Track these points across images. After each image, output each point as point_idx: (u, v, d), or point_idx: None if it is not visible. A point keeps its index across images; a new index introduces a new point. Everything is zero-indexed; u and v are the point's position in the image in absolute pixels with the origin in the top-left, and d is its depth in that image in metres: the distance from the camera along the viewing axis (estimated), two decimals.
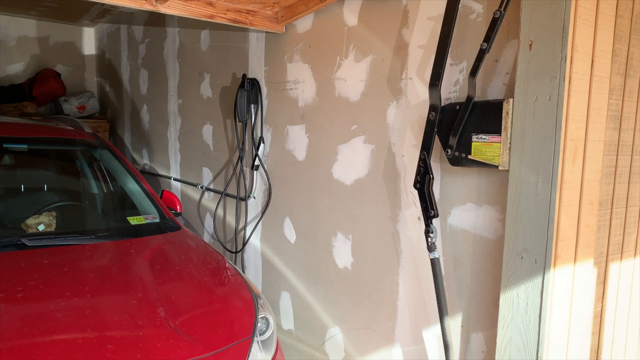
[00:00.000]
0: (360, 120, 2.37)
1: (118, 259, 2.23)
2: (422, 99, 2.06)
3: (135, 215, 2.73)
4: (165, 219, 2.81)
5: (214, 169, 3.72)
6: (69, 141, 3.09)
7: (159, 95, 4.54)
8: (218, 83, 3.58)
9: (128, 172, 3.06)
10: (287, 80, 2.85)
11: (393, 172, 2.21)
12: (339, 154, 2.51)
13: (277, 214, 3.02)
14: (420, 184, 1.97)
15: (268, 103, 3.04)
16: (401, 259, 2.19)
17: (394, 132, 2.20)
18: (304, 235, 2.80)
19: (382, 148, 2.26)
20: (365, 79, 2.33)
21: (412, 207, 2.13)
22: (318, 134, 2.65)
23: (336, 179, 2.54)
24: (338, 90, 2.49)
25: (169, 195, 3.13)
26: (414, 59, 2.09)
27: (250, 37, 3.18)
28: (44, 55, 6.16)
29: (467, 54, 1.89)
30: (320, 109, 2.62)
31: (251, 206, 3.27)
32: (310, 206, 2.73)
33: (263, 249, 3.17)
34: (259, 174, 3.16)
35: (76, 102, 5.94)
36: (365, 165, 2.35)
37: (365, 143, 2.35)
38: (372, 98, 2.30)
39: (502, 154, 1.71)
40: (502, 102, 1.70)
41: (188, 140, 4.08)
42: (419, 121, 2.08)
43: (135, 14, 4.99)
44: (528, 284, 1.65)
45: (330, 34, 2.53)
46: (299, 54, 2.75)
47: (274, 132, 3.00)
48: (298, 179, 2.82)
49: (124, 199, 2.98)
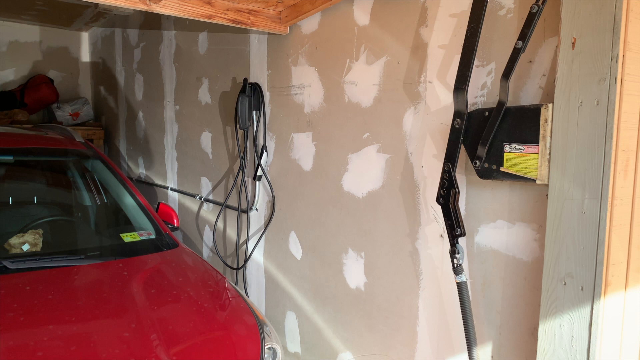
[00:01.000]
0: (373, 128, 2.18)
1: (109, 282, 2.03)
2: (444, 105, 1.87)
3: (129, 232, 2.53)
4: (161, 235, 2.61)
5: (213, 179, 3.52)
6: (59, 151, 2.89)
7: (155, 101, 4.35)
8: (217, 88, 3.39)
9: (122, 184, 2.85)
10: (292, 84, 2.66)
11: (411, 184, 2.01)
12: (349, 164, 2.32)
13: (281, 228, 2.82)
14: (444, 198, 1.77)
15: (271, 109, 2.84)
16: (421, 280, 1.99)
17: (412, 141, 2.00)
18: (311, 251, 2.60)
19: (398, 158, 2.07)
20: (378, 83, 2.14)
21: (434, 223, 1.93)
22: (326, 143, 2.45)
23: (346, 191, 2.34)
24: (348, 95, 2.30)
25: (166, 208, 2.93)
26: (434, 60, 1.90)
27: (252, 39, 2.99)
28: (36, 61, 5.96)
29: (496, 54, 1.69)
30: (328, 115, 2.43)
31: (253, 219, 3.07)
32: (318, 220, 2.53)
33: (266, 265, 2.97)
34: (261, 184, 2.96)
35: (69, 109, 5.74)
36: (379, 177, 2.16)
37: (379, 152, 2.15)
38: (387, 103, 2.11)
39: (540, 166, 1.52)
40: (540, 107, 1.51)
41: (186, 148, 3.88)
42: (440, 129, 1.88)
43: (129, 17, 4.80)
44: (573, 314, 1.45)
45: (339, 34, 2.33)
46: (304, 56, 2.56)
47: (278, 140, 2.80)
48: (304, 191, 2.62)
49: (117, 213, 2.78)
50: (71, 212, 2.81)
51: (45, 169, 2.94)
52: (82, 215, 2.80)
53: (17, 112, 5.18)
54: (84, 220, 2.78)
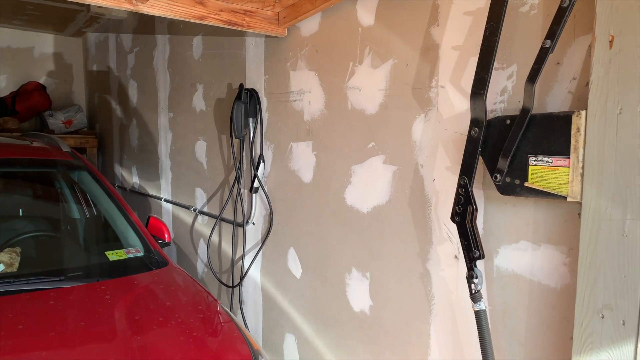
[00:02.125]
0: (379, 137, 2.00)
1: (89, 308, 1.83)
2: (458, 111, 1.69)
3: (115, 249, 2.34)
4: (150, 252, 2.42)
5: (208, 190, 3.33)
6: (42, 162, 2.71)
7: (149, 108, 4.18)
8: (212, 95, 3.21)
9: (109, 196, 2.67)
10: (291, 90, 2.48)
11: (421, 199, 1.83)
12: (353, 176, 2.14)
13: (279, 244, 2.63)
14: (459, 216, 1.59)
15: (269, 117, 2.67)
16: (433, 305, 1.81)
17: (422, 151, 1.82)
18: (312, 270, 2.41)
19: (407, 170, 1.88)
20: (384, 88, 1.96)
21: (447, 242, 1.75)
22: (327, 153, 2.27)
23: (350, 205, 2.16)
24: (351, 101, 2.12)
25: (156, 222, 2.75)
26: (446, 63, 1.73)
27: (248, 42, 2.82)
28: (28, 67, 5.80)
29: (518, 55, 1.52)
30: (329, 123, 2.25)
31: (250, 234, 2.88)
32: (319, 236, 2.35)
33: (264, 283, 2.78)
34: (258, 197, 2.78)
35: (62, 117, 5.57)
36: (386, 190, 1.97)
37: (386, 164, 1.97)
38: (394, 110, 1.93)
39: (572, 181, 1.33)
40: (571, 115, 1.32)
41: (180, 157, 3.70)
42: (454, 138, 1.70)
43: (123, 21, 4.64)
44: (613, 351, 1.26)
45: (341, 36, 2.16)
46: (304, 60, 2.39)
47: (276, 149, 2.62)
48: (304, 204, 2.43)
49: (103, 228, 2.60)
50: (53, 228, 2.62)
51: (27, 181, 2.76)
52: (65, 231, 2.62)
53: (7, 119, 5.01)
54: (67, 236, 2.60)
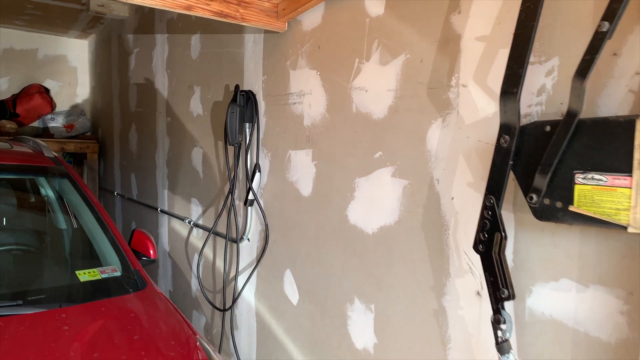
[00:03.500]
0: (388, 145, 1.70)
1: (40, 342, 1.56)
2: (484, 115, 1.38)
3: (88, 268, 2.07)
4: (129, 271, 2.15)
5: (203, 201, 3.06)
6: (19, 168, 2.46)
7: (148, 112, 3.94)
8: (209, 97, 2.95)
9: (89, 207, 2.41)
10: (290, 92, 2.20)
11: (437, 220, 1.52)
12: (357, 190, 1.84)
13: (275, 264, 2.34)
14: (484, 245, 1.28)
15: (266, 121, 2.39)
16: (449, 349, 1.49)
17: (439, 163, 1.52)
18: (310, 297, 2.11)
19: (420, 185, 1.58)
20: (394, 88, 1.66)
21: (468, 275, 1.44)
22: (329, 163, 1.98)
23: (353, 224, 1.86)
24: (356, 103, 1.83)
25: (141, 237, 2.48)
26: (469, 57, 1.43)
27: (246, 39, 2.55)
28: (32, 69, 5.63)
29: (560, 44, 1.21)
30: (331, 129, 1.96)
31: (244, 251, 2.59)
32: (318, 258, 2.05)
33: (258, 307, 2.49)
34: (254, 210, 2.49)
35: (64, 120, 5.38)
36: (395, 208, 1.67)
37: (395, 177, 1.67)
38: (405, 114, 1.63)
39: (635, 206, 1.02)
40: (635, 120, 1.01)
41: (177, 165, 3.44)
42: (478, 148, 1.40)
43: (125, 21, 4.43)
44: None
45: (346, 29, 1.88)
46: (304, 57, 2.11)
47: (273, 158, 2.34)
48: (302, 221, 2.14)
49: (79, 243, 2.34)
50: (21, 241, 2.37)
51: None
52: (35, 245, 2.36)
53: (5, 122, 4.83)
54: (37, 251, 2.34)
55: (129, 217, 4.55)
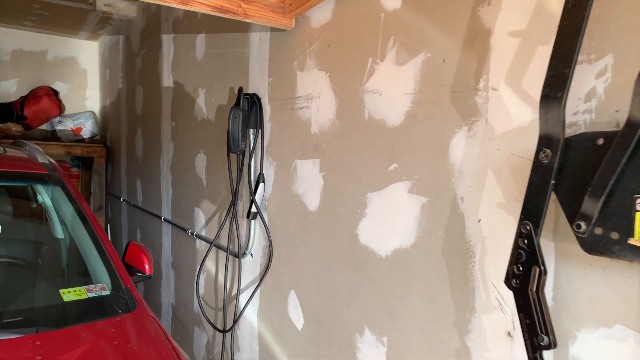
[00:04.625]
0: (404, 157, 1.49)
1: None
2: (518, 124, 1.17)
3: (74, 287, 1.90)
4: (119, 289, 1.97)
5: (206, 211, 2.88)
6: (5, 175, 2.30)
7: (153, 116, 3.78)
8: (214, 101, 2.78)
9: (80, 217, 2.24)
10: (297, 95, 2.01)
11: (461, 246, 1.31)
12: (368, 206, 1.63)
13: (279, 283, 2.14)
14: (519, 280, 1.07)
15: (272, 127, 2.20)
16: None
17: (463, 179, 1.31)
18: (315, 323, 1.90)
19: (441, 204, 1.37)
20: (412, 91, 1.46)
21: (496, 311, 1.22)
22: (338, 174, 1.78)
23: (363, 245, 1.65)
24: (369, 109, 1.63)
25: (136, 250, 2.30)
26: (501, 55, 1.22)
27: (252, 38, 2.36)
28: (41, 71, 5.54)
29: (615, 40, 1.00)
30: (341, 136, 1.76)
31: (247, 267, 2.40)
32: (325, 280, 1.85)
33: (261, 329, 2.29)
34: (257, 224, 2.30)
35: (72, 124, 5.27)
36: (412, 229, 1.46)
37: (412, 193, 1.46)
38: (425, 122, 1.42)
39: None
40: None
41: (181, 172, 3.27)
42: (511, 163, 1.18)
43: (132, 22, 4.30)
44: None
45: (358, 25, 1.68)
46: (313, 57, 1.91)
47: (279, 167, 2.14)
48: (308, 237, 1.94)
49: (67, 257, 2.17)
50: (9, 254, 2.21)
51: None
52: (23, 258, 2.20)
53: (11, 125, 4.72)
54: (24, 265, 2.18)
55: (134, 224, 4.40)
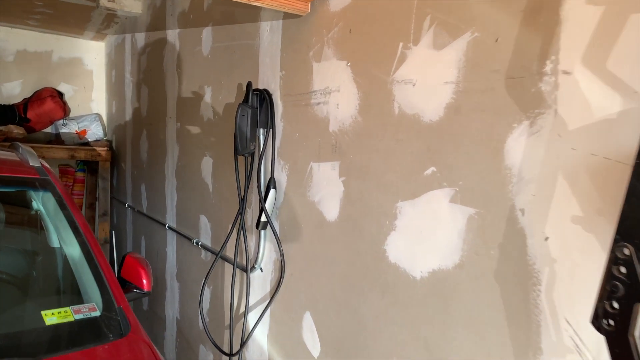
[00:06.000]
0: (444, 159, 1.24)
1: None
2: (602, 116, 0.91)
3: (59, 307, 1.67)
4: (111, 310, 1.73)
5: (212, 219, 2.64)
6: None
7: (158, 117, 3.56)
8: (221, 99, 2.54)
9: (72, 227, 2.01)
10: (313, 89, 1.76)
11: (520, 270, 1.05)
12: (399, 218, 1.38)
13: (292, 303, 1.89)
14: (614, 321, 0.80)
15: (284, 126, 1.95)
16: None
17: (524, 187, 1.04)
18: (335, 351, 1.65)
19: (494, 217, 1.11)
20: (455, 80, 1.20)
21: (572, 355, 0.96)
22: (361, 179, 1.52)
23: (393, 263, 1.40)
24: (399, 102, 1.37)
25: (133, 264, 2.07)
26: (575, 29, 0.96)
27: (262, 28, 2.12)
28: (46, 72, 5.35)
29: None
30: (365, 135, 1.51)
31: (256, 282, 2.15)
32: (346, 302, 1.59)
33: (272, 353, 2.04)
34: (267, 234, 2.05)
35: (76, 126, 5.08)
36: (455, 247, 1.20)
37: (455, 203, 1.20)
38: (472, 116, 1.17)
39: None
40: None
41: (186, 176, 3.04)
42: (592, 165, 0.92)
43: (138, 19, 4.08)
44: None
45: (386, 4, 1.43)
46: (332, 45, 1.66)
47: (292, 171, 1.90)
48: (326, 252, 1.69)
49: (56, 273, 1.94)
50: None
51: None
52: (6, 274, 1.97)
53: (12, 127, 4.53)
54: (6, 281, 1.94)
55: (138, 232, 4.18)
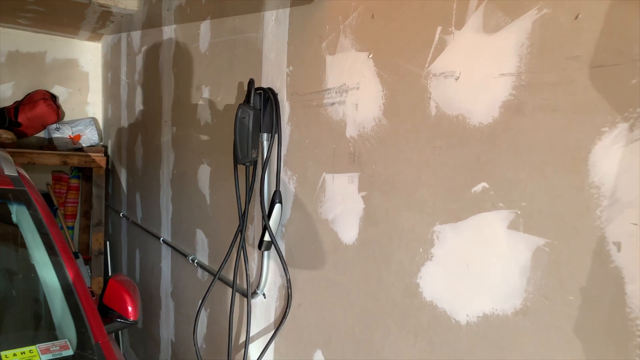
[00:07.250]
0: (500, 171, 0.97)
1: None
2: None
3: (24, 345, 1.40)
4: (87, 348, 1.47)
5: (210, 234, 2.38)
6: None
7: (153, 121, 3.31)
8: (219, 100, 2.28)
9: (47, 245, 1.75)
10: (327, 87, 1.50)
11: (616, 325, 0.78)
12: (437, 245, 1.11)
13: (300, 338, 1.62)
14: None
15: (291, 130, 1.69)
16: None
17: (620, 212, 0.77)
18: None
19: (574, 250, 0.84)
20: (515, 71, 0.94)
21: None
22: (387, 195, 1.25)
23: (429, 301, 1.12)
24: (437, 100, 1.10)
25: (117, 288, 1.80)
26: None
27: (267, 19, 1.86)
28: (39, 74, 5.11)
29: None
30: (392, 142, 1.24)
31: (258, 309, 1.88)
32: (366, 342, 1.32)
33: None
34: (272, 255, 1.78)
35: (70, 131, 4.82)
36: (515, 286, 0.93)
37: (516, 230, 0.93)
38: (540, 117, 0.90)
39: None
40: None
41: (182, 185, 2.78)
42: None
43: (134, 16, 3.84)
44: None
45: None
46: (349, 34, 1.40)
47: (300, 184, 1.63)
48: (342, 281, 1.42)
49: (25, 301, 1.67)
50: None
51: None
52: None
53: (2, 132, 4.29)
54: None
55: (133, 244, 3.92)
